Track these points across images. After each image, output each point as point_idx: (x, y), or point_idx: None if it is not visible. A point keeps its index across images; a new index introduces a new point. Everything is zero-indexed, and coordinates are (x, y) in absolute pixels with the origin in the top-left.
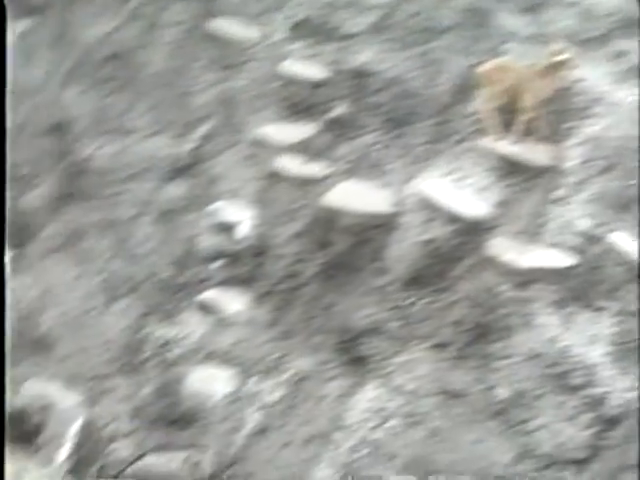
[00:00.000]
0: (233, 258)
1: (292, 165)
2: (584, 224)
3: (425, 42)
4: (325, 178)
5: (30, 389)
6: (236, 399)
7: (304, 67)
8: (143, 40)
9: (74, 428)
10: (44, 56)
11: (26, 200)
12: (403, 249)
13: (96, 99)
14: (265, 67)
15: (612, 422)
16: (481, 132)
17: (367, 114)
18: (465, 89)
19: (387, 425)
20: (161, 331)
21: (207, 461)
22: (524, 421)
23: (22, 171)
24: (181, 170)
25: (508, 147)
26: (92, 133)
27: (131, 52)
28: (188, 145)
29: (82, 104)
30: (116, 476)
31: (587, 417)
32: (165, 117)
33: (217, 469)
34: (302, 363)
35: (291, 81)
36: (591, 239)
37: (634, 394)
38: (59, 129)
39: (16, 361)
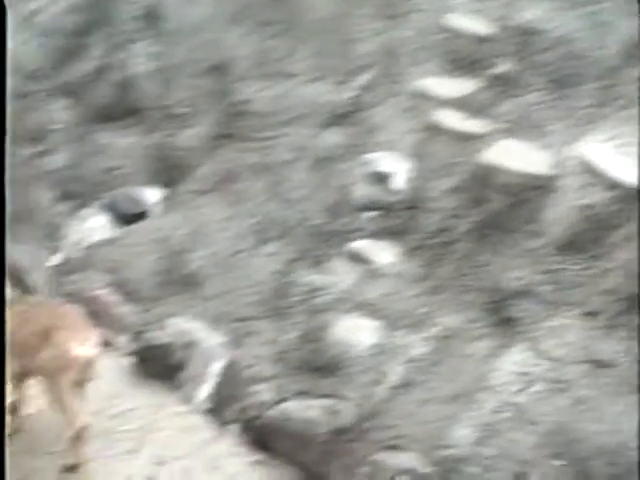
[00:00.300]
0: (386, 209)
1: (452, 120)
2: None
3: (595, 2)
4: (484, 135)
5: (175, 326)
6: (380, 351)
7: (469, 21)
8: None
9: (216, 368)
10: None
11: (182, 139)
12: (560, 212)
13: (258, 41)
14: (429, 19)
15: None
16: None
17: (531, 73)
18: (634, 53)
19: (531, 390)
20: (309, 277)
21: (347, 411)
22: None
23: (179, 110)
24: (339, 118)
25: None
26: (252, 75)
27: None
28: (348, 93)
29: (244, 46)
30: (256, 419)
31: None
32: (326, 63)
33: (357, 420)
34: (449, 320)
35: (455, 35)
36: None
37: None
38: (219, 69)
39: (163, 297)
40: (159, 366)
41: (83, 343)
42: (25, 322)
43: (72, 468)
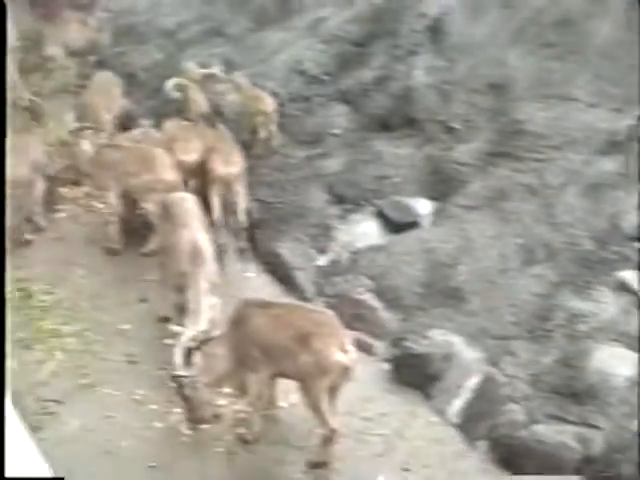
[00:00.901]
0: None
1: None
2: None
3: None
4: None
5: (434, 337)
6: (638, 384)
7: None
8: (593, 8)
9: (472, 383)
10: (491, 14)
11: (456, 154)
12: None
13: (539, 62)
14: None
15: None
16: None
17: None
18: None
19: None
20: (572, 303)
21: (598, 441)
22: None
23: (455, 125)
24: (616, 145)
25: None
26: (531, 96)
27: (580, 19)
28: (626, 121)
29: (524, 66)
30: (505, 438)
31: None
32: (606, 90)
33: (607, 451)
34: None
35: None
36: None
37: None
38: (498, 88)
39: (424, 308)
40: (415, 375)
41: (342, 350)
42: (281, 326)
43: (319, 465)
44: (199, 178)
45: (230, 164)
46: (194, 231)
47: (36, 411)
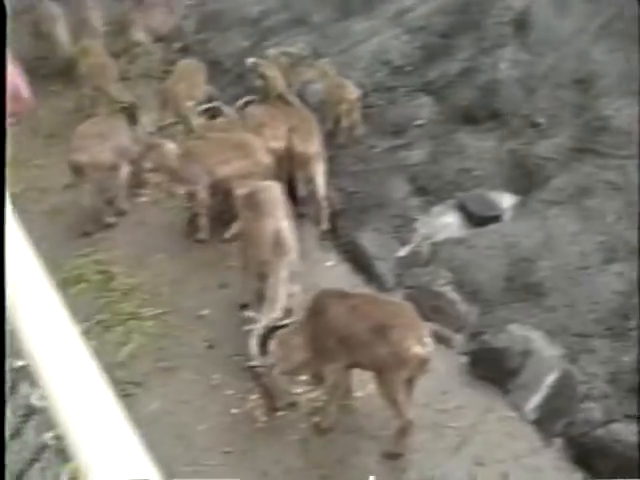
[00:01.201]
0: None
1: None
2: None
3: None
4: None
5: (513, 332)
6: None
7: None
8: None
9: (549, 380)
10: (577, 8)
11: (539, 148)
12: None
13: (625, 58)
14: None
15: None
16: None
17: None
18: None
19: None
20: None
21: None
22: None
23: (539, 119)
24: None
25: None
26: (616, 92)
27: None
28: None
29: (610, 61)
30: (581, 436)
31: None
32: None
33: None
34: None
35: None
36: None
37: None
38: (583, 83)
39: (504, 302)
40: (492, 369)
41: (420, 342)
42: (359, 317)
43: (394, 456)
44: (284, 164)
45: (308, 143)
46: (278, 220)
47: (114, 392)
